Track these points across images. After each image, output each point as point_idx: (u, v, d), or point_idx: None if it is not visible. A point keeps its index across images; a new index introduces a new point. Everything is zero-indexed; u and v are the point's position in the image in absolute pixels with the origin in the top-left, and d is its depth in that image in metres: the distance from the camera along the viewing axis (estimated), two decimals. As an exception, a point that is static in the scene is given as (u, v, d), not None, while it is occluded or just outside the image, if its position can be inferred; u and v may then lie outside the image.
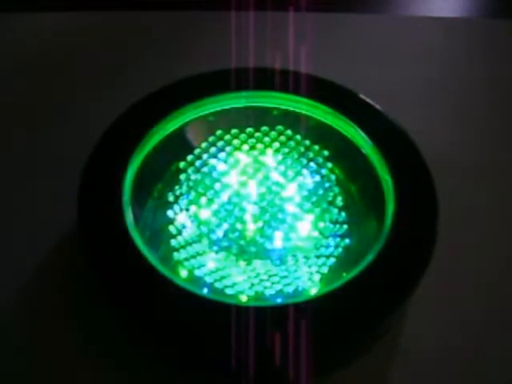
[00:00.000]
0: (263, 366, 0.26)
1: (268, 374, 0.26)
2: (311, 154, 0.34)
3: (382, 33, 0.46)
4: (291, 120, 0.34)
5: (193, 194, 0.32)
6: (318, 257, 0.30)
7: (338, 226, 0.31)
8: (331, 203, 0.32)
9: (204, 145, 0.34)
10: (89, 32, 0.45)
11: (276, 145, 0.34)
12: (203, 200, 0.32)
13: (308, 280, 0.29)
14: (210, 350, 0.26)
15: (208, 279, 0.29)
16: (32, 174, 0.36)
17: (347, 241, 0.31)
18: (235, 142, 0.34)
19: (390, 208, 0.29)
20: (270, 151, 0.34)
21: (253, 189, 0.33)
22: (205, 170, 0.33)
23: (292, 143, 0.34)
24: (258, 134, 0.34)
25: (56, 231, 0.33)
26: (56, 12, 0.47)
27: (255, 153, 0.34)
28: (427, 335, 0.30)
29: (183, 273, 0.29)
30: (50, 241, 0.33)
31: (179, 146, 0.33)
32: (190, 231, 0.31)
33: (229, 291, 0.28)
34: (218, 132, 0.34)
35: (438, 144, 0.35)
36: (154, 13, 0.46)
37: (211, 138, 0.34)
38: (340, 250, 0.30)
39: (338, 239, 0.31)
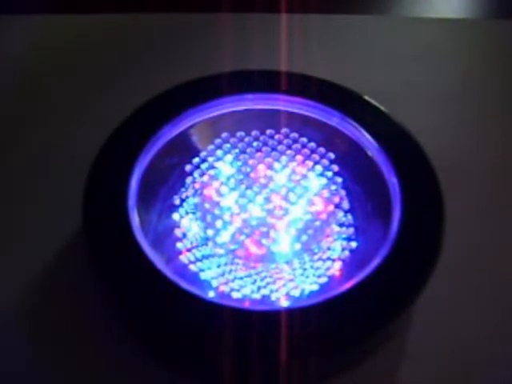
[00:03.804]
0: (269, 370, 0.25)
1: (274, 378, 0.26)
2: (317, 157, 0.34)
3: (385, 34, 0.46)
4: (297, 122, 0.34)
5: (198, 197, 0.32)
6: (324, 260, 0.30)
7: (344, 228, 0.31)
8: (337, 206, 0.32)
9: (210, 148, 0.34)
10: (90, 34, 0.45)
11: (281, 147, 0.34)
12: (209, 203, 0.32)
13: (314, 283, 0.29)
14: (215, 354, 0.25)
15: (214, 283, 0.29)
16: (35, 177, 0.36)
17: (354, 244, 0.30)
18: (241, 144, 0.34)
19: (397, 211, 0.29)
20: (275, 154, 0.34)
21: (258, 191, 0.33)
22: (211, 172, 0.33)
23: (297, 146, 0.34)
24: (263, 137, 0.34)
25: (61, 234, 0.33)
26: (56, 14, 0.47)
27: (261, 155, 0.34)
28: (432, 337, 0.30)
29: (189, 276, 0.29)
30: (55, 244, 0.33)
31: (185, 149, 0.33)
32: (195, 234, 0.31)
33: (235, 295, 0.28)
34: (224, 135, 0.34)
35: (441, 145, 0.35)
36: (156, 15, 0.46)
37: (217, 141, 0.34)
38: (346, 253, 0.30)
39: (344, 242, 0.31)
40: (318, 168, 0.33)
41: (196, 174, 0.33)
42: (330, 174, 0.33)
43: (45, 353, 0.29)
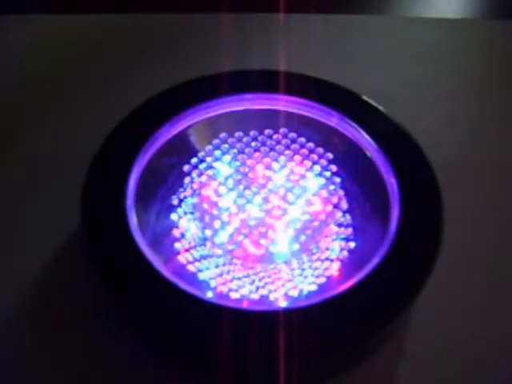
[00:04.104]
0: (268, 370, 0.25)
1: (273, 378, 0.26)
2: (315, 157, 0.34)
3: (385, 34, 0.46)
4: (295, 122, 0.34)
5: (197, 197, 0.32)
6: (322, 260, 0.30)
7: (342, 228, 0.31)
8: (336, 206, 0.32)
9: (208, 148, 0.34)
10: (90, 34, 0.45)
11: (280, 147, 0.34)
12: (207, 203, 0.32)
13: (313, 284, 0.29)
14: (214, 355, 0.25)
15: (212, 283, 0.29)
16: (35, 177, 0.36)
17: (352, 244, 0.30)
18: (239, 144, 0.34)
19: (395, 211, 0.29)
20: (273, 154, 0.34)
21: (257, 192, 0.33)
22: (209, 172, 0.33)
23: (296, 146, 0.34)
24: (261, 137, 0.34)
25: (61, 234, 0.33)
26: (56, 14, 0.47)
27: (259, 156, 0.34)
28: (432, 337, 0.30)
29: (187, 277, 0.29)
30: (55, 243, 0.33)
31: (183, 149, 0.33)
32: (193, 234, 0.31)
33: (233, 295, 0.28)
34: (222, 135, 0.34)
35: (440, 145, 0.35)
36: (156, 15, 0.46)
37: (215, 141, 0.34)
38: (345, 253, 0.30)
39: (342, 242, 0.31)
40: (317, 168, 0.33)
41: (194, 174, 0.33)
42: (328, 174, 0.33)
43: (44, 353, 0.29)
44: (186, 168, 0.33)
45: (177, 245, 0.30)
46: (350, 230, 0.31)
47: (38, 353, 0.29)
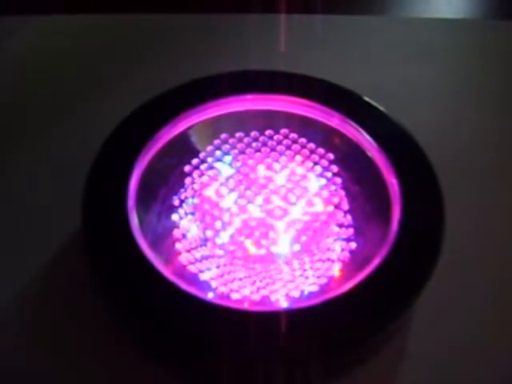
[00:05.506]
0: (269, 371, 0.25)
1: (273, 378, 0.26)
2: (316, 158, 0.34)
3: (385, 34, 0.46)
4: (296, 123, 0.34)
5: (198, 197, 0.32)
6: (323, 261, 0.30)
7: (343, 229, 0.31)
8: (337, 207, 0.32)
9: (209, 148, 0.34)
10: (90, 34, 0.45)
11: (281, 148, 0.34)
12: (208, 204, 0.32)
13: (314, 284, 0.29)
14: (215, 355, 0.25)
15: (213, 284, 0.29)
16: (35, 177, 0.36)
17: (353, 244, 0.30)
18: (240, 145, 0.34)
19: (396, 211, 0.29)
20: (274, 154, 0.34)
21: (258, 192, 0.33)
22: (210, 173, 0.33)
23: (297, 146, 0.34)
24: (262, 138, 0.34)
25: (61, 234, 0.33)
26: (56, 14, 0.47)
27: (260, 156, 0.34)
28: (432, 337, 0.30)
29: (188, 277, 0.29)
30: (55, 244, 0.33)
31: (184, 150, 0.33)
32: (194, 235, 0.31)
33: (234, 296, 0.28)
34: (223, 135, 0.34)
35: (441, 145, 0.35)
36: (156, 15, 0.46)
37: (216, 142, 0.34)
38: (346, 253, 0.30)
39: (343, 243, 0.31)
40: (318, 169, 0.33)
41: (195, 174, 0.33)
42: (329, 174, 0.33)
43: (44, 353, 0.29)
44: (186, 168, 0.33)
45: (178, 245, 0.30)
46: (350, 231, 0.31)
47: (37, 352, 0.29)
